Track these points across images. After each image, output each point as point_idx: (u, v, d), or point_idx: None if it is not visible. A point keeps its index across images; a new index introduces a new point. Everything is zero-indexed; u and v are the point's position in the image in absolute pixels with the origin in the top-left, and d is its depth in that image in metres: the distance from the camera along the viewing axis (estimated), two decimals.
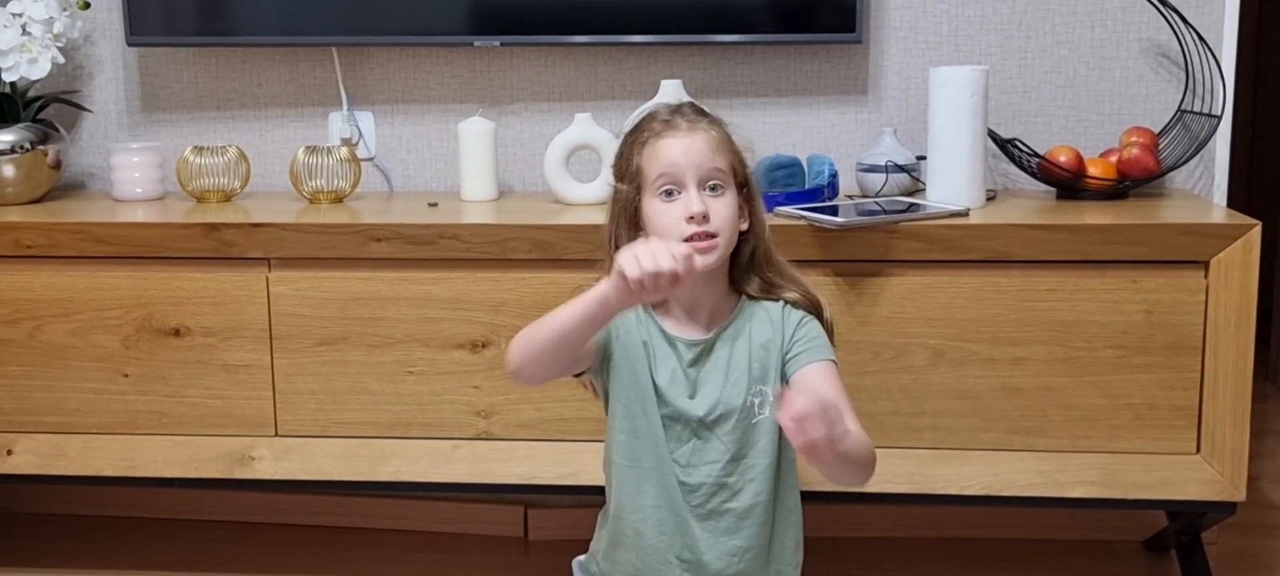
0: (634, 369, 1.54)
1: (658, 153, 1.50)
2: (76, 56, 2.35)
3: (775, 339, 1.55)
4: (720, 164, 1.51)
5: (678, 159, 1.49)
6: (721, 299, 1.57)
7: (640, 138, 1.53)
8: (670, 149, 1.49)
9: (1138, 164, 2.04)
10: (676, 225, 1.49)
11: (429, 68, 2.31)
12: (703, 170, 1.49)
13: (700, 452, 1.54)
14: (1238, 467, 1.84)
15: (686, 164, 1.49)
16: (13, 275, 1.97)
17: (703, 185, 1.49)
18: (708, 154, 1.50)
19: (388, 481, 1.97)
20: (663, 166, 1.49)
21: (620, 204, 1.54)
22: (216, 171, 2.18)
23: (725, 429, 1.54)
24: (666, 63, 2.25)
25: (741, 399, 1.54)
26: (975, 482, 1.88)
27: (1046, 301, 1.83)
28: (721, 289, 1.57)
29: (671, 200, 1.50)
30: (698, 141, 1.50)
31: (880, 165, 2.08)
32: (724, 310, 1.58)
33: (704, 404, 1.54)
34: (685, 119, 1.52)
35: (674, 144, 1.49)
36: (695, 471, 1.55)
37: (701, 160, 1.49)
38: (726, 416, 1.54)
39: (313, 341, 1.94)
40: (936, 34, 2.21)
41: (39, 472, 2.01)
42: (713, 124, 1.53)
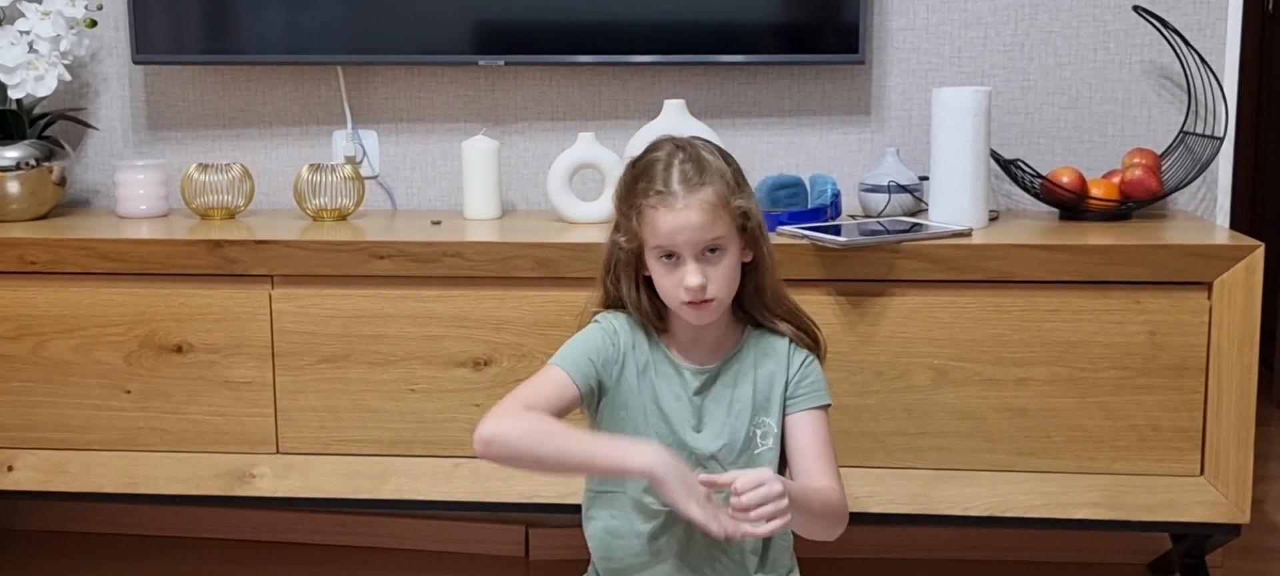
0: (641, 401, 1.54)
1: (656, 225, 1.47)
2: (83, 74, 2.36)
3: (779, 373, 1.56)
4: (719, 230, 1.47)
5: (674, 232, 1.46)
6: (725, 329, 1.58)
7: (637, 202, 1.49)
8: (666, 223, 1.46)
9: (1140, 185, 2.05)
10: (675, 290, 1.49)
11: (433, 86, 2.32)
12: (699, 244, 1.47)
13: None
14: (1242, 489, 1.83)
15: (683, 239, 1.47)
16: (16, 291, 1.98)
17: (701, 254, 1.48)
18: (705, 226, 1.46)
19: (389, 499, 1.96)
20: (660, 237, 1.47)
21: (621, 250, 1.53)
22: (221, 189, 2.18)
23: (728, 460, 1.54)
24: (670, 83, 2.26)
25: (744, 430, 1.55)
26: (978, 504, 1.87)
27: (1049, 322, 1.83)
28: (725, 320, 1.57)
29: (671, 267, 1.49)
30: (693, 216, 1.45)
31: (883, 185, 2.08)
32: (728, 340, 1.58)
33: (710, 438, 1.54)
34: (683, 185, 1.46)
35: (668, 221, 1.46)
36: None
37: (697, 234, 1.46)
38: (730, 448, 1.55)
39: (315, 359, 1.94)
40: (939, 55, 2.21)
41: (40, 489, 2.01)
42: (709, 183, 1.47)
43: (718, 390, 1.55)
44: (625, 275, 1.55)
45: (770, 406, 1.56)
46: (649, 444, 1.41)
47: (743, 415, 1.55)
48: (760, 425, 1.56)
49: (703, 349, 1.56)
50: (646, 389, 1.55)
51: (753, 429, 1.55)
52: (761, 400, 1.56)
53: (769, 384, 1.56)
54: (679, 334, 1.57)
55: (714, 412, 1.55)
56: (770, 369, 1.56)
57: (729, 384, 1.55)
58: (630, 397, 1.54)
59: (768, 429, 1.56)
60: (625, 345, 1.55)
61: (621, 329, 1.56)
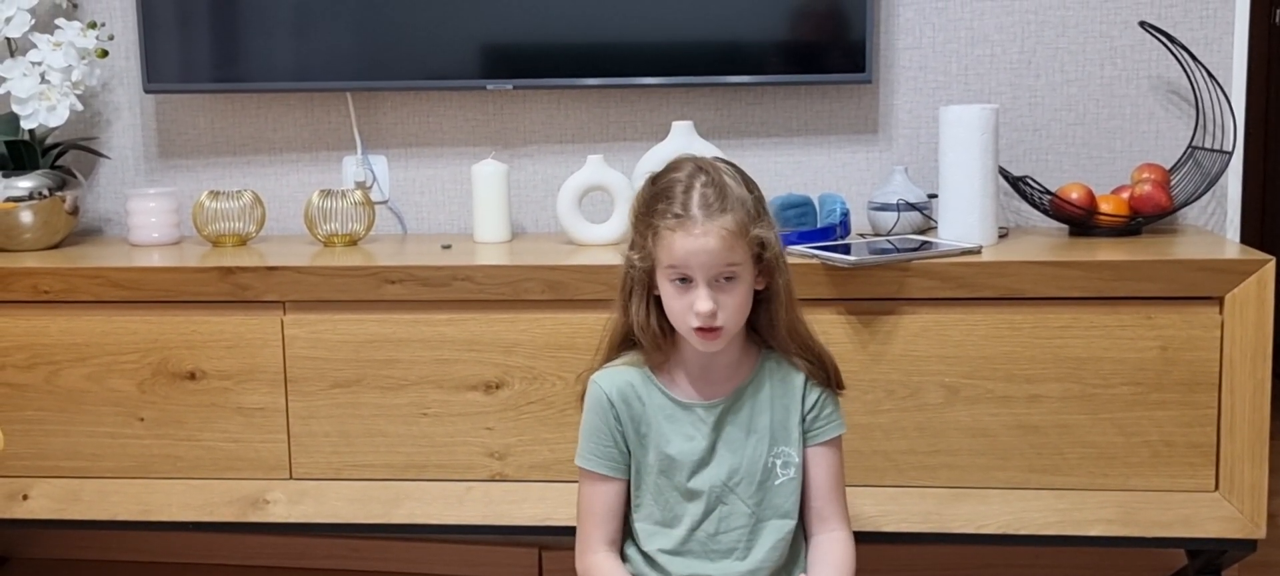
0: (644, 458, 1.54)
1: (671, 247, 1.45)
2: (94, 104, 2.37)
3: (796, 405, 1.55)
4: (735, 258, 1.46)
5: (689, 256, 1.45)
6: (739, 355, 1.56)
7: (654, 222, 1.47)
8: (681, 245, 1.44)
9: (1150, 200, 2.04)
10: (685, 314, 1.47)
11: (442, 111, 2.33)
12: (713, 270, 1.45)
13: (727, 520, 1.54)
14: (1257, 504, 1.82)
15: (696, 262, 1.45)
16: (30, 320, 1.99)
17: (714, 280, 1.46)
18: (720, 254, 1.44)
19: (402, 524, 1.96)
20: (675, 260, 1.46)
21: (636, 270, 1.51)
22: (232, 216, 2.19)
23: (747, 492, 1.53)
24: (678, 104, 2.26)
25: (764, 459, 1.53)
26: (992, 521, 1.87)
27: (1061, 338, 1.83)
28: (737, 347, 1.55)
29: (683, 290, 1.47)
30: (710, 243, 1.44)
31: (892, 203, 2.09)
32: (743, 367, 1.56)
33: (719, 468, 1.53)
34: (702, 210, 1.45)
35: (684, 244, 1.44)
36: (723, 538, 1.54)
37: (713, 261, 1.44)
38: (748, 478, 1.53)
39: (327, 384, 1.95)
40: (946, 73, 2.22)
41: (55, 517, 2.01)
42: (729, 211, 1.45)
43: (734, 419, 1.54)
44: (637, 293, 1.53)
45: (789, 436, 1.55)
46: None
47: (762, 443, 1.53)
48: (780, 454, 1.54)
49: (716, 376, 1.54)
50: (649, 444, 1.54)
51: (772, 459, 1.54)
52: (780, 429, 1.54)
53: (786, 413, 1.55)
54: (689, 361, 1.55)
55: (730, 442, 1.54)
56: (788, 398, 1.55)
57: (746, 412, 1.54)
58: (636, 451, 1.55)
59: (788, 459, 1.54)
60: (622, 407, 1.54)
61: (613, 394, 1.54)
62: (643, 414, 1.54)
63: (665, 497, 1.55)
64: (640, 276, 1.51)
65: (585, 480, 1.58)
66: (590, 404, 1.56)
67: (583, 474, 1.58)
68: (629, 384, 1.55)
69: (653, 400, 1.54)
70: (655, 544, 1.55)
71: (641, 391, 1.54)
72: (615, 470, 1.56)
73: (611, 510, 1.57)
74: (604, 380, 1.56)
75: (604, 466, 1.56)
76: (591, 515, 1.57)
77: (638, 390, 1.55)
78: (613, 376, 1.55)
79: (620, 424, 1.54)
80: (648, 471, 1.55)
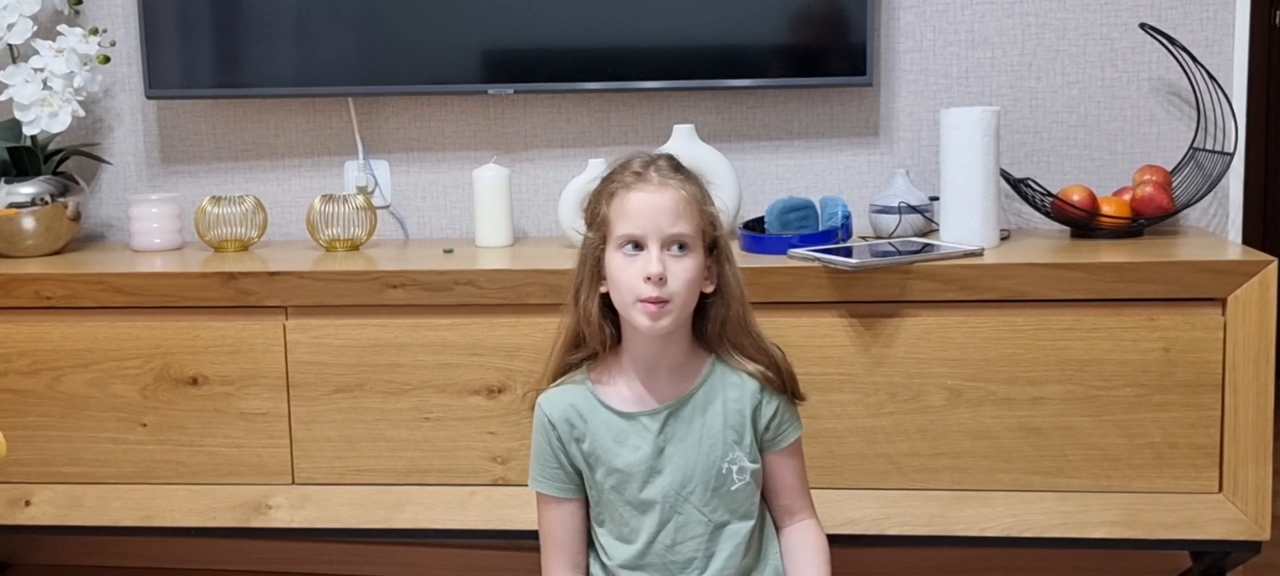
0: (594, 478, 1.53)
1: (625, 205, 1.45)
2: (96, 110, 2.37)
3: (747, 409, 1.52)
4: (685, 227, 1.45)
5: (642, 215, 1.44)
6: (684, 357, 1.53)
7: (609, 187, 1.47)
8: (636, 203, 1.44)
9: (1151, 202, 2.04)
10: (634, 282, 1.44)
11: (443, 116, 2.33)
12: (665, 232, 1.44)
13: (683, 530, 1.52)
14: (1261, 506, 1.82)
15: (650, 223, 1.43)
16: (32, 326, 1.99)
17: (665, 246, 1.44)
18: (673, 215, 1.44)
19: (405, 529, 1.96)
20: (627, 220, 1.44)
21: (589, 250, 1.50)
22: (234, 221, 2.19)
23: (702, 499, 1.51)
24: (679, 108, 2.26)
25: (718, 464, 1.51)
26: (995, 524, 1.87)
27: (1063, 340, 1.83)
28: (683, 347, 1.52)
29: (633, 257, 1.45)
30: (665, 199, 1.44)
31: (893, 206, 2.09)
32: (690, 370, 1.53)
33: (670, 478, 1.50)
34: (658, 172, 1.46)
35: (640, 199, 1.44)
36: (681, 548, 1.52)
37: (665, 221, 1.44)
38: (702, 484, 1.51)
39: (329, 389, 1.95)
40: (947, 76, 2.22)
41: (57, 523, 2.02)
42: (685, 182, 1.47)
43: (681, 426, 1.51)
44: (588, 283, 1.50)
45: (743, 442, 1.52)
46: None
47: (713, 449, 1.50)
48: (734, 461, 1.51)
49: (661, 378, 1.51)
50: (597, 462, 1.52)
51: (727, 464, 1.51)
52: (733, 434, 1.51)
53: (740, 417, 1.52)
54: (634, 364, 1.52)
55: (680, 449, 1.51)
56: (740, 402, 1.52)
57: (695, 417, 1.51)
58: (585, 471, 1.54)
59: (742, 465, 1.52)
60: (564, 430, 1.53)
61: (555, 417, 1.53)
62: (586, 432, 1.52)
63: (619, 512, 1.53)
64: (592, 261, 1.49)
65: (540, 503, 1.58)
66: (536, 426, 1.56)
67: (537, 497, 1.58)
68: (571, 405, 1.53)
69: (596, 418, 1.52)
70: (618, 558, 1.54)
71: (585, 411, 1.52)
72: (565, 491, 1.55)
73: (570, 531, 1.57)
74: (546, 403, 1.54)
75: (553, 488, 1.55)
76: (550, 538, 1.58)
77: (580, 410, 1.53)
78: (554, 398, 1.54)
79: (564, 445, 1.53)
80: (600, 489, 1.53)
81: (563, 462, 1.54)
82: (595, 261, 1.49)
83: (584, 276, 1.51)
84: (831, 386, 1.86)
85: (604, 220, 1.47)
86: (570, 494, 1.55)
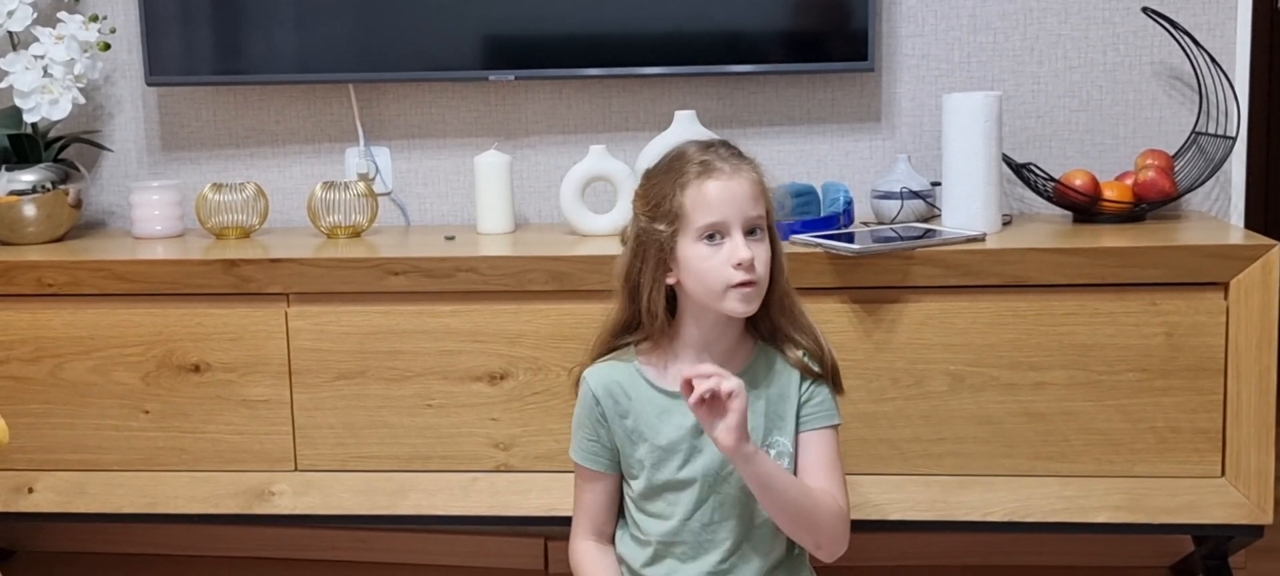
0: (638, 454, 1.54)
1: (704, 195, 1.45)
2: (97, 97, 2.37)
3: (791, 392, 1.54)
4: (761, 209, 1.48)
5: (724, 204, 1.45)
6: (736, 342, 1.55)
7: (680, 178, 1.47)
8: (715, 192, 1.45)
9: (1154, 186, 2.04)
10: (721, 270, 1.45)
11: (444, 102, 2.33)
12: (747, 216, 1.46)
13: (721, 509, 1.53)
14: (1264, 490, 1.82)
15: (732, 210, 1.45)
16: (34, 313, 1.99)
17: (745, 230, 1.46)
18: (751, 199, 1.46)
19: (407, 515, 1.96)
20: (708, 211, 1.45)
21: (653, 243, 1.48)
22: (235, 208, 2.19)
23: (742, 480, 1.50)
24: (680, 94, 2.26)
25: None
26: (998, 509, 1.87)
27: (1066, 325, 1.83)
28: (737, 332, 1.54)
29: (715, 245, 1.46)
30: (742, 185, 1.46)
31: (895, 192, 2.08)
32: (738, 355, 1.55)
33: (718, 453, 1.49)
34: (725, 161, 1.47)
35: (719, 187, 1.45)
36: (718, 529, 1.53)
37: (746, 206, 1.45)
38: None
39: (331, 376, 1.95)
40: (949, 61, 2.21)
41: (61, 510, 2.02)
42: (753, 166, 1.50)
43: None
44: (652, 274, 1.49)
45: (784, 425, 1.54)
46: None
47: (755, 431, 1.51)
48: (774, 443, 1.53)
49: (712, 360, 1.51)
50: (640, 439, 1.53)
51: (766, 447, 1.52)
52: (774, 418, 1.53)
53: (781, 401, 1.54)
54: (690, 344, 1.53)
55: None
56: (782, 386, 1.54)
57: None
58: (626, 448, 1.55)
59: (782, 448, 1.54)
60: (608, 405, 1.54)
61: (599, 391, 1.54)
62: (630, 409, 1.54)
63: (659, 491, 1.54)
64: (657, 252, 1.48)
65: (577, 473, 1.62)
66: (580, 400, 1.58)
67: (576, 466, 1.61)
68: (616, 382, 1.54)
69: (640, 395, 1.54)
70: (653, 533, 1.55)
71: (629, 388, 1.54)
72: (600, 465, 1.58)
73: (600, 504, 1.60)
74: (592, 377, 1.56)
75: (589, 461, 1.58)
76: (580, 506, 1.62)
77: (625, 387, 1.54)
78: (600, 373, 1.56)
79: (606, 421, 1.55)
80: (639, 467, 1.54)
81: (602, 437, 1.56)
82: (660, 251, 1.49)
83: (648, 269, 1.50)
84: None
85: (677, 212, 1.47)
86: (605, 468, 1.58)
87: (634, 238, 1.53)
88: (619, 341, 1.58)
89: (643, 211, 1.52)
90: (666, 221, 1.47)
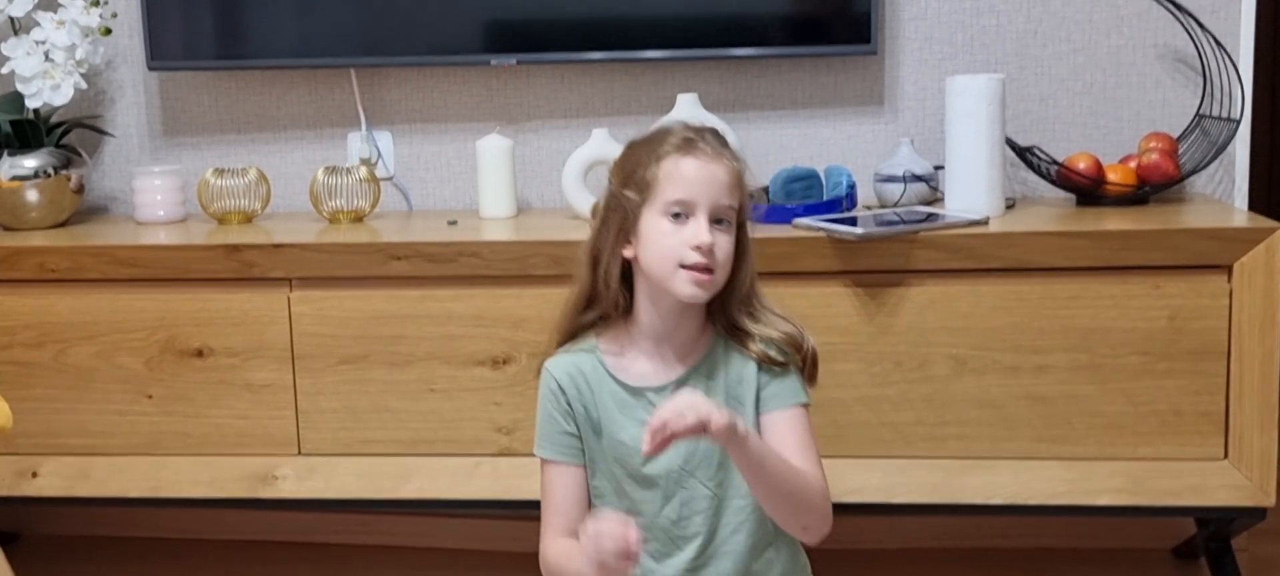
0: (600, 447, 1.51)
1: (678, 171, 1.43)
2: (98, 82, 2.37)
3: (749, 377, 1.50)
4: (734, 201, 1.45)
5: (698, 183, 1.43)
6: (695, 332, 1.51)
7: (659, 150, 1.45)
8: (690, 170, 1.43)
9: (1157, 169, 2.04)
10: (678, 250, 1.42)
11: (446, 87, 2.32)
12: (717, 203, 1.43)
13: (688, 504, 1.50)
14: (1267, 472, 1.82)
15: (704, 192, 1.43)
16: (37, 298, 1.99)
17: (712, 217, 1.44)
18: (725, 188, 1.44)
19: (410, 499, 1.97)
20: (679, 186, 1.43)
21: (619, 212, 1.47)
22: (237, 193, 2.19)
23: (707, 474, 1.49)
24: (682, 77, 2.26)
25: None
26: (1001, 492, 1.87)
27: (1069, 309, 1.83)
28: (697, 321, 1.51)
29: (679, 223, 1.43)
30: (720, 171, 1.44)
31: (898, 175, 2.08)
32: (697, 346, 1.51)
33: (681, 451, 1.47)
34: (708, 145, 1.46)
35: (696, 166, 1.43)
36: (687, 524, 1.50)
37: (718, 193, 1.43)
38: (705, 460, 1.49)
39: (334, 360, 1.95)
40: (952, 44, 2.21)
41: (64, 495, 2.02)
42: (735, 157, 1.48)
43: None
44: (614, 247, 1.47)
45: (743, 409, 1.49)
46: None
47: None
48: None
49: (671, 351, 1.50)
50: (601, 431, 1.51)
51: None
52: (733, 402, 1.49)
53: (739, 384, 1.50)
54: (647, 332, 1.50)
55: None
56: (739, 371, 1.50)
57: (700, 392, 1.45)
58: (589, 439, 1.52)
59: None
60: (572, 395, 1.51)
61: (565, 380, 1.51)
62: (593, 400, 1.51)
63: (622, 486, 1.52)
64: (620, 221, 1.46)
65: (544, 469, 1.55)
66: (542, 391, 1.54)
67: (542, 464, 1.55)
68: (579, 371, 1.51)
69: (603, 387, 1.51)
70: None
71: (592, 379, 1.51)
72: (569, 455, 1.53)
73: (571, 498, 1.53)
74: (554, 366, 1.53)
75: (557, 453, 1.53)
76: (551, 505, 1.55)
77: (588, 378, 1.51)
78: (563, 363, 1.53)
79: (571, 409, 1.51)
80: (602, 459, 1.52)
81: (568, 426, 1.52)
82: (624, 221, 1.46)
83: (608, 237, 1.48)
84: (836, 356, 1.85)
85: (648, 182, 1.44)
86: (574, 459, 1.53)
87: (603, 205, 1.51)
88: (581, 319, 1.54)
89: (616, 178, 1.49)
90: (636, 189, 1.45)
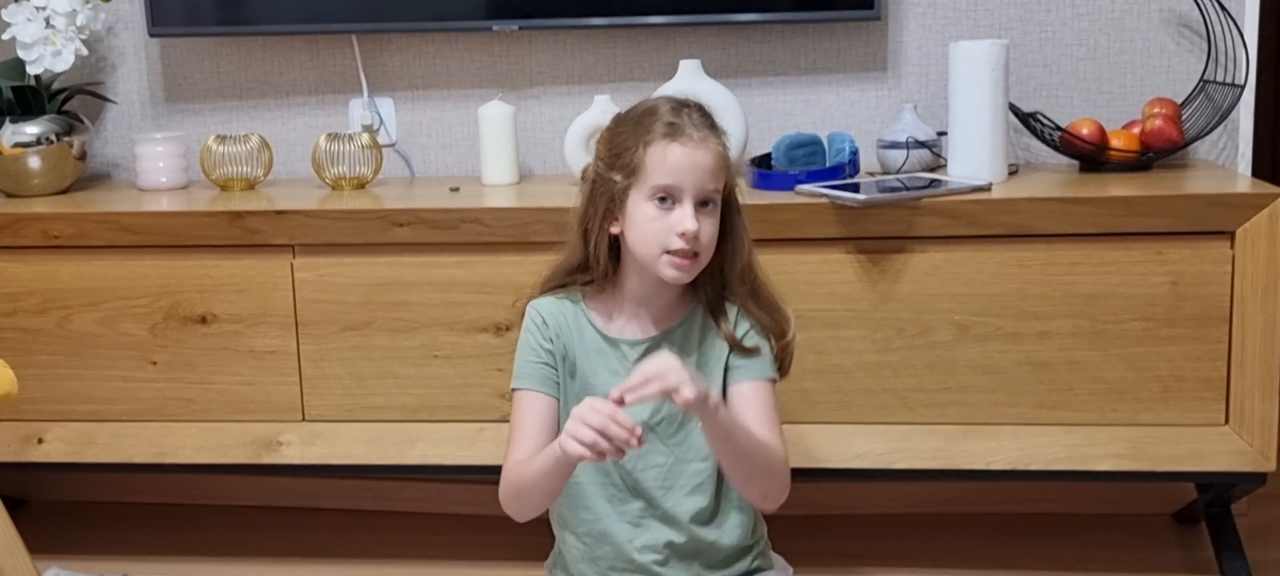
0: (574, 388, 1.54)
1: (665, 157, 1.46)
2: (99, 48, 2.36)
3: (720, 352, 1.54)
4: (718, 184, 1.48)
5: (683, 171, 1.45)
6: (674, 299, 1.56)
7: (646, 135, 1.48)
8: (677, 157, 1.46)
9: (1161, 135, 2.03)
10: (663, 235, 1.46)
11: (448, 53, 2.31)
12: (702, 188, 1.46)
13: (645, 457, 1.54)
14: (1267, 438, 1.83)
15: (690, 180, 1.46)
16: (41, 265, 1.99)
17: (698, 201, 1.47)
18: (710, 173, 1.47)
19: (414, 465, 1.98)
20: (665, 173, 1.46)
21: (606, 191, 1.50)
22: (239, 160, 2.19)
23: (667, 431, 1.54)
24: (685, 43, 2.25)
25: None
26: (1002, 457, 1.88)
27: (1071, 275, 1.83)
28: (678, 289, 1.55)
29: (665, 208, 1.47)
30: (705, 157, 1.46)
31: (901, 141, 2.08)
32: (675, 311, 1.56)
33: (647, 405, 1.50)
34: (695, 128, 1.47)
35: (682, 154, 1.46)
36: (642, 476, 1.55)
37: (703, 179, 1.46)
38: (668, 419, 1.54)
39: (338, 327, 1.96)
40: (955, 9, 2.20)
41: (69, 460, 2.03)
42: (720, 139, 1.50)
43: None
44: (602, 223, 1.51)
45: (712, 380, 1.53)
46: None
47: None
48: None
49: (649, 314, 1.55)
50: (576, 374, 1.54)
51: None
52: (703, 371, 1.53)
53: (711, 354, 1.55)
54: (628, 297, 1.55)
55: None
56: (711, 343, 1.55)
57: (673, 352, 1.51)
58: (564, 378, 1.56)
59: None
60: (555, 330, 1.55)
61: (548, 315, 1.56)
62: (573, 341, 1.56)
63: None
64: (608, 200, 1.50)
65: (517, 399, 1.56)
66: (525, 326, 1.59)
67: (515, 397, 1.56)
68: (562, 312, 1.57)
69: (583, 333, 1.56)
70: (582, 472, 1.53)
71: (572, 322, 1.56)
72: (545, 386, 1.55)
73: (540, 426, 1.54)
74: (539, 304, 1.58)
75: (534, 383, 1.55)
76: (519, 431, 1.55)
77: (569, 320, 1.56)
78: (547, 302, 1.58)
79: (552, 345, 1.55)
80: (574, 402, 1.53)
81: (549, 360, 1.55)
82: (611, 200, 1.50)
83: (597, 213, 1.52)
84: (839, 322, 1.86)
85: (635, 166, 1.48)
86: (550, 390, 1.56)
87: (591, 182, 1.54)
88: (567, 280, 1.59)
89: (603, 157, 1.53)
90: (623, 173, 1.49)
